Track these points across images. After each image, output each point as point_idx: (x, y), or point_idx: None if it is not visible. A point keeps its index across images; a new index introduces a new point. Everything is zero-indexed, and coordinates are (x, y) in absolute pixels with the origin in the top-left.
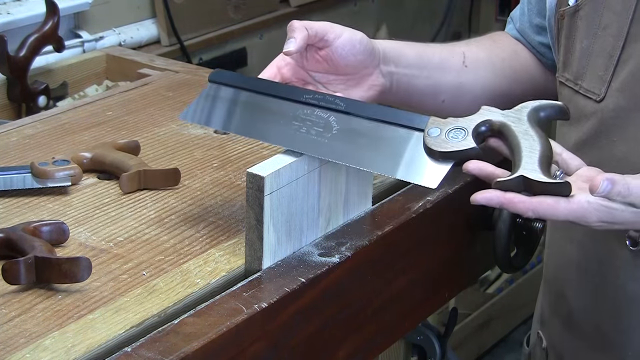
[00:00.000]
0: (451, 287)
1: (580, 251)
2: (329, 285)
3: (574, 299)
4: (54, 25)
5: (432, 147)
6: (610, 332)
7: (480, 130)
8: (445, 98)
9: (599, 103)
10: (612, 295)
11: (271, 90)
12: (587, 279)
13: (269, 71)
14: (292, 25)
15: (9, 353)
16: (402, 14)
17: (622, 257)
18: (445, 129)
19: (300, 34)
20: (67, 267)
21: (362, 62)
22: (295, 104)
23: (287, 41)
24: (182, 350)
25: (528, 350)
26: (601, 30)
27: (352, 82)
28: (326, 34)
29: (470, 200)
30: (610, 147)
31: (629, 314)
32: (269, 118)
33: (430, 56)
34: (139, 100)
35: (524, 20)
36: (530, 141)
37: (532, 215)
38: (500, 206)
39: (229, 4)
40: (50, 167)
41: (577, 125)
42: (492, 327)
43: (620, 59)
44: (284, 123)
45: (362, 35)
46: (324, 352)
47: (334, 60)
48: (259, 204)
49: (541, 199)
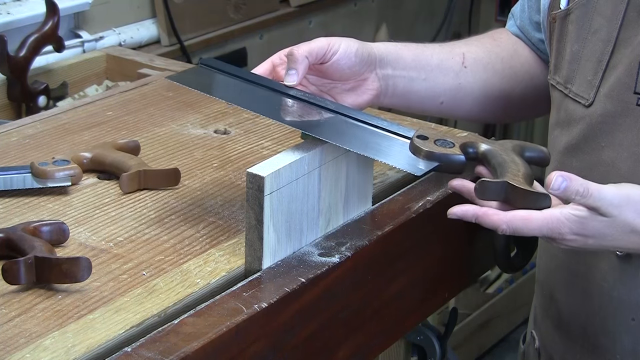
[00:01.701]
0: (451, 287)
1: (569, 255)
2: (329, 285)
3: (563, 301)
4: (54, 25)
5: (419, 145)
6: (597, 335)
7: (466, 150)
8: (444, 100)
9: (587, 108)
10: (600, 299)
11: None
12: (576, 282)
13: (264, 67)
14: (293, 56)
15: (9, 353)
16: (402, 14)
17: (609, 261)
18: (433, 138)
19: (301, 66)
20: (67, 267)
21: (357, 71)
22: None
23: (289, 73)
24: (182, 350)
25: (523, 348)
26: (591, 34)
27: (347, 87)
28: (324, 53)
29: (447, 214)
30: (599, 152)
31: (616, 317)
32: (259, 93)
33: (428, 58)
34: (139, 100)
35: (524, 17)
36: (515, 163)
37: (507, 228)
38: (475, 219)
39: (229, 4)
40: (50, 167)
41: (567, 130)
42: (492, 327)
43: (609, 64)
44: (275, 100)
45: (357, 47)
46: (324, 352)
47: (329, 73)
48: (259, 204)
49: (515, 212)
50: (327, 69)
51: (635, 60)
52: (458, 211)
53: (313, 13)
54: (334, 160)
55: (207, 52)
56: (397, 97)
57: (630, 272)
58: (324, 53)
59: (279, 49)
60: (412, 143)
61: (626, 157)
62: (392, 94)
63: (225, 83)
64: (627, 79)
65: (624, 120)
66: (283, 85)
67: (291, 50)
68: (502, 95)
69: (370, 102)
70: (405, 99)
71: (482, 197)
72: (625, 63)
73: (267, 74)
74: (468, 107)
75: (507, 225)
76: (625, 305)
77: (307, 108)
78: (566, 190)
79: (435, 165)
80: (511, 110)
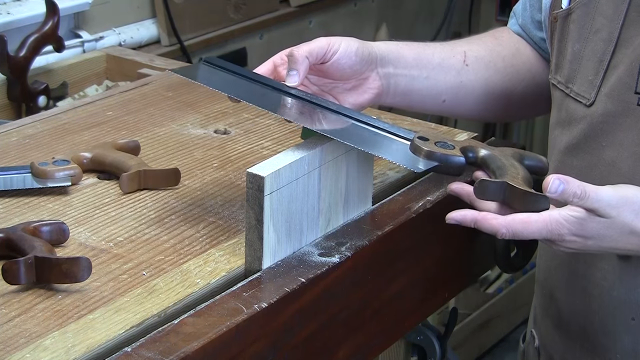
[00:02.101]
0: (451, 287)
1: (569, 255)
2: (329, 285)
3: (563, 301)
4: (54, 25)
5: (420, 145)
6: (597, 334)
7: (466, 154)
8: (445, 98)
9: (588, 107)
10: (599, 299)
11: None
12: (576, 281)
13: (266, 67)
14: (293, 57)
15: (9, 353)
16: (402, 14)
17: (610, 260)
18: (434, 140)
19: (302, 67)
20: (67, 267)
21: (358, 70)
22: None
23: (290, 74)
24: (182, 350)
25: (522, 347)
26: (592, 34)
27: (348, 86)
28: (324, 53)
29: (446, 220)
30: (600, 152)
31: (615, 317)
32: (260, 90)
33: (429, 56)
34: (139, 100)
35: (525, 16)
36: (514, 167)
37: (506, 232)
38: (474, 224)
39: (229, 4)
40: (50, 167)
41: (568, 129)
42: (492, 327)
43: (610, 64)
44: (277, 98)
45: (357, 46)
46: (324, 352)
47: (329, 72)
48: (259, 204)
49: (514, 215)
50: (327, 69)
51: (637, 60)
52: (457, 216)
53: (313, 13)
54: (334, 160)
55: (207, 52)
56: (399, 96)
57: (630, 271)
58: (324, 53)
59: (279, 49)
60: (412, 143)
61: (627, 157)
62: (393, 93)
63: (228, 80)
64: (628, 79)
65: (625, 120)
66: (284, 85)
67: (291, 51)
68: (503, 94)
69: (372, 101)
70: (407, 97)
71: (481, 196)
72: (626, 63)
73: (269, 74)
74: (469, 106)
75: (507, 229)
76: (625, 305)
77: (308, 108)
78: (563, 193)
79: (434, 164)
80: (512, 108)
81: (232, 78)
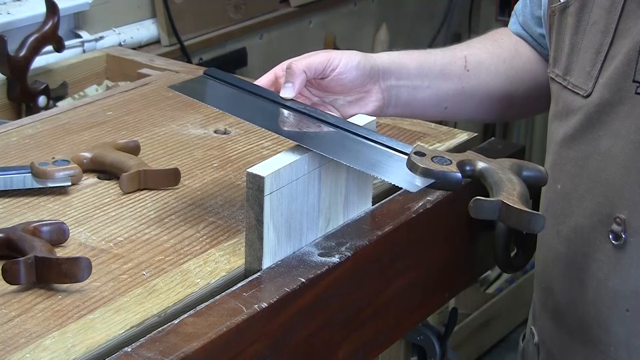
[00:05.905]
0: (451, 287)
1: (565, 245)
2: (329, 285)
3: (560, 293)
4: (54, 25)
5: (416, 162)
6: (593, 326)
7: (463, 168)
8: (447, 105)
9: (586, 98)
10: (595, 290)
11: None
12: (572, 273)
13: (267, 78)
14: (291, 69)
15: (9, 353)
16: (402, 14)
17: (605, 251)
18: (430, 155)
19: (298, 80)
20: (67, 267)
21: (359, 84)
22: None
23: (285, 86)
24: (182, 350)
25: (522, 346)
26: (589, 26)
27: (350, 99)
28: (323, 69)
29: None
30: (596, 142)
31: (611, 308)
32: (259, 104)
33: (431, 65)
34: (139, 100)
35: (526, 12)
36: (511, 182)
37: None
38: None
39: (229, 4)
40: (50, 167)
41: (565, 121)
42: (492, 327)
43: (608, 55)
44: (273, 111)
45: (359, 60)
46: (324, 352)
47: (330, 87)
48: (259, 204)
49: None
50: (328, 83)
51: (634, 49)
52: None
53: (313, 13)
54: (334, 160)
55: (207, 52)
56: (401, 107)
57: (625, 262)
58: (322, 69)
59: (279, 49)
60: (409, 159)
61: (623, 146)
62: (395, 104)
63: (226, 94)
64: (625, 68)
65: (622, 108)
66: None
67: (290, 63)
68: (505, 96)
69: (374, 113)
70: (409, 107)
71: (476, 215)
72: (623, 53)
73: (270, 85)
74: (471, 110)
75: None
76: (619, 296)
77: (306, 121)
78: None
79: (431, 182)
80: (514, 109)
81: (230, 91)
